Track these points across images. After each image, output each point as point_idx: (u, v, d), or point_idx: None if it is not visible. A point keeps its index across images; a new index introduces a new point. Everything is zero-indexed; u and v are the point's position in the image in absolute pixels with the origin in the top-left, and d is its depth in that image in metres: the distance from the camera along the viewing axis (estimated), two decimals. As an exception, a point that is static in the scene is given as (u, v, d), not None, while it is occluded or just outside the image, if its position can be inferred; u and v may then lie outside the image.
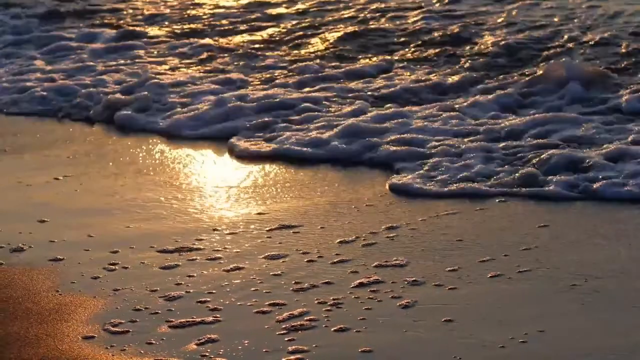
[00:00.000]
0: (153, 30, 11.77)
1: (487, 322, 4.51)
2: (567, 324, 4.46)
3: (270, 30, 11.49)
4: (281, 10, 12.57)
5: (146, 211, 6.14)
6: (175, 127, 8.07)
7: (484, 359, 4.17)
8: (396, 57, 9.88)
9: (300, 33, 11.24)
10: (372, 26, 11.35)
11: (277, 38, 11.11)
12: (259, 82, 9.25)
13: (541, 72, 8.64)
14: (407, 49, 10.23)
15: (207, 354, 4.25)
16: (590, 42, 9.92)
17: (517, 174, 6.43)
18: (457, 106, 8.04)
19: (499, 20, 11.16)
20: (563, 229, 5.68)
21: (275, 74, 9.50)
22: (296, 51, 10.48)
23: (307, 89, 8.88)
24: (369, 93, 8.64)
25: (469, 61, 9.49)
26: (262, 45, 10.79)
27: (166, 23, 12.28)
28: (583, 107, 7.87)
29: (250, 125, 7.88)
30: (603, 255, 5.26)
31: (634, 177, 6.27)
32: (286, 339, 4.36)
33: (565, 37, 10.22)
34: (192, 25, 11.99)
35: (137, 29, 11.82)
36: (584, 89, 8.16)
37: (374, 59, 9.91)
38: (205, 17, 12.47)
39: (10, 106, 9.11)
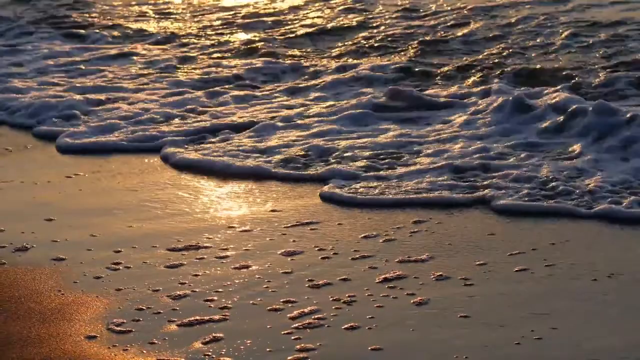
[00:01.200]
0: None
1: (501, 319, 4.56)
2: (583, 321, 4.52)
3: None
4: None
5: (148, 211, 6.23)
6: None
7: (495, 358, 4.21)
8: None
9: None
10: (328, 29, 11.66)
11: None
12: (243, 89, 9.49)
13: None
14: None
15: (209, 354, 4.32)
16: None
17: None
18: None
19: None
20: (586, 228, 5.75)
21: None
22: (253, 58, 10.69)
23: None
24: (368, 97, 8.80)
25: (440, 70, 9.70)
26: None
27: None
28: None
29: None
30: (627, 253, 5.32)
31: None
32: (293, 337, 4.42)
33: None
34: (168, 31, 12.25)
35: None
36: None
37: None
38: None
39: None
